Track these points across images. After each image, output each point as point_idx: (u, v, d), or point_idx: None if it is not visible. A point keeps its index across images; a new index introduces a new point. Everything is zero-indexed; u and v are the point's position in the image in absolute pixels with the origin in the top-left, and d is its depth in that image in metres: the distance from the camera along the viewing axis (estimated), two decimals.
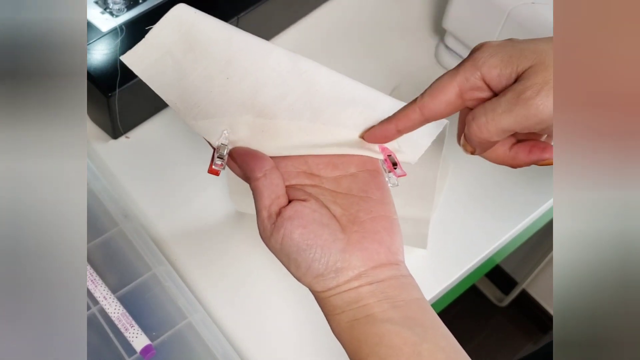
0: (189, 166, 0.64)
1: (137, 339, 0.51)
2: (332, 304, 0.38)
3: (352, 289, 0.37)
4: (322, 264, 0.37)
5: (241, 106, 0.41)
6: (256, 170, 0.39)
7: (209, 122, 0.42)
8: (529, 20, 0.63)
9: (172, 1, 0.64)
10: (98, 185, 0.58)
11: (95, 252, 0.55)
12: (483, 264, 0.66)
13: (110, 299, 0.52)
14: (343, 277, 0.37)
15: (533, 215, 0.66)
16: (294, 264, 0.37)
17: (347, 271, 0.37)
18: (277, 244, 0.38)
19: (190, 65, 0.41)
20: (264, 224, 0.38)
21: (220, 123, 0.42)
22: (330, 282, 0.37)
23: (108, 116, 0.60)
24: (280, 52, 0.43)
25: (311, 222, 0.37)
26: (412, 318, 0.37)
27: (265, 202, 0.38)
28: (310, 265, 0.37)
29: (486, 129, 0.37)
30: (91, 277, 0.53)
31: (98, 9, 0.62)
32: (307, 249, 0.37)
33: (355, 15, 0.80)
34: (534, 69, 0.36)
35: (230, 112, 0.42)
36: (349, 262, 0.37)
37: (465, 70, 0.39)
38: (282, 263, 0.39)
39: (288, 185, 0.40)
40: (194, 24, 0.42)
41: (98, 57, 0.59)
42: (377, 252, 0.38)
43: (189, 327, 0.52)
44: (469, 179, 0.67)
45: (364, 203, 0.39)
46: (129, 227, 0.56)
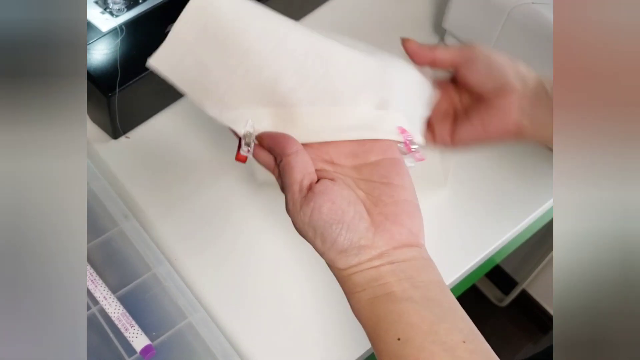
0: (189, 166, 0.64)
1: (137, 339, 0.51)
2: (354, 281, 0.39)
3: (373, 267, 0.38)
4: (347, 239, 0.38)
5: (262, 98, 0.42)
6: (287, 147, 0.40)
7: (233, 113, 0.43)
8: (529, 20, 0.63)
9: (173, 2, 0.64)
10: (98, 185, 0.58)
11: (96, 252, 0.55)
12: (483, 263, 0.66)
13: (110, 299, 0.52)
14: (366, 255, 0.38)
15: (533, 215, 0.66)
16: (320, 238, 0.39)
17: (370, 250, 0.38)
18: (306, 217, 0.39)
19: (211, 59, 0.42)
20: (294, 197, 0.40)
21: (244, 114, 0.43)
22: (353, 259, 0.38)
23: (108, 116, 0.60)
24: (297, 33, 0.44)
25: (340, 198, 0.39)
26: (431, 299, 0.38)
27: (297, 177, 0.40)
28: (335, 240, 0.38)
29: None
30: (91, 277, 0.53)
31: (98, 9, 0.62)
32: (333, 223, 0.38)
33: (355, 15, 0.80)
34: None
35: (252, 104, 0.42)
36: (372, 241, 0.38)
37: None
38: (306, 238, 0.40)
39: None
40: (212, 14, 0.41)
41: (98, 57, 0.59)
42: (399, 234, 0.39)
43: (189, 327, 0.52)
44: (468, 179, 0.67)
45: (386, 188, 0.41)
46: (129, 227, 0.56)
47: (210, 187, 0.62)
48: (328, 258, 0.39)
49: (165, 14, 0.63)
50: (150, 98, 0.64)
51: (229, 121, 0.43)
